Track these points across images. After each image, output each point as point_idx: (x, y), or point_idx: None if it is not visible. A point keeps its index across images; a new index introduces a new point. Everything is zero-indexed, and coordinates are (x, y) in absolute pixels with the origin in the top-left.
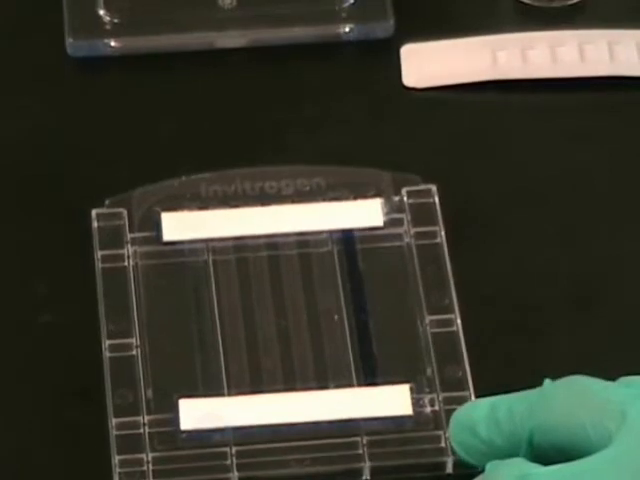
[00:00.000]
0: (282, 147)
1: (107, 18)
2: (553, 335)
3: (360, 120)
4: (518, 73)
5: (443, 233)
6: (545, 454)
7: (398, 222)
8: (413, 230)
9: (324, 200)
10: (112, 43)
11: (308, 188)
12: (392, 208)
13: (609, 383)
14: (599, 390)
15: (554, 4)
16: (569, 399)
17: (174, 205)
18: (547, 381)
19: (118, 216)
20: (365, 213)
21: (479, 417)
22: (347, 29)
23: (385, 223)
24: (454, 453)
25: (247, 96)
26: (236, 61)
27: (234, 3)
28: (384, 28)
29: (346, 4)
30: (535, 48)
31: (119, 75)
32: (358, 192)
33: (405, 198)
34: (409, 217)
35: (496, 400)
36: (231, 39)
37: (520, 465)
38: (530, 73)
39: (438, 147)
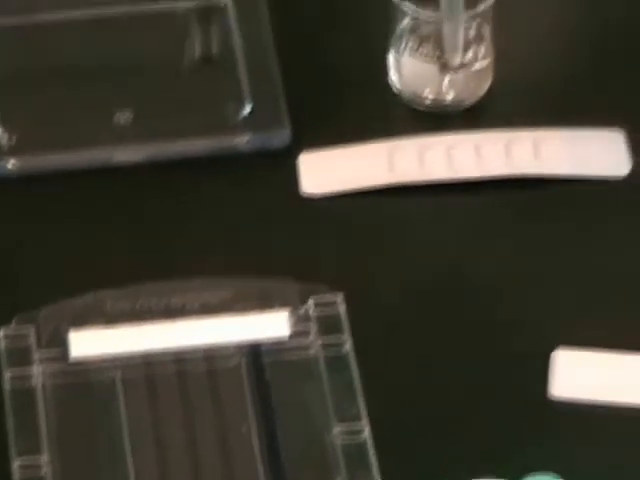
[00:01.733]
0: (186, 260)
1: (4, 138)
2: (463, 438)
3: (261, 230)
4: (415, 177)
5: (350, 342)
6: None
7: (305, 333)
8: (320, 340)
9: (231, 313)
10: (10, 163)
11: (214, 301)
12: (299, 319)
13: None
14: None
15: (448, 108)
16: None
17: (81, 322)
18: None
19: (25, 334)
20: (272, 325)
21: None
22: (244, 140)
23: (292, 334)
24: None
25: (148, 210)
26: (135, 176)
27: (131, 118)
28: (281, 137)
29: (242, 115)
30: (431, 152)
31: (18, 194)
32: (264, 304)
33: (312, 308)
34: (316, 327)
35: None
36: (129, 154)
37: None
38: (427, 176)
39: (341, 253)
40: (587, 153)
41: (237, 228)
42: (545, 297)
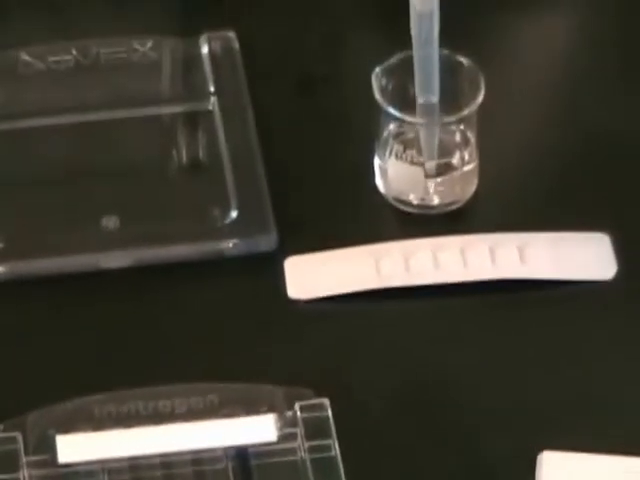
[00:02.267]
0: (172, 365)
1: None
2: None
3: (248, 334)
4: (401, 280)
5: (337, 445)
6: None
7: (292, 437)
8: (307, 444)
9: (218, 417)
10: None
11: (201, 405)
12: (285, 423)
13: None
14: None
15: (434, 211)
16: None
17: (68, 427)
18: None
19: (13, 440)
20: (259, 429)
21: None
22: (230, 244)
23: (279, 438)
24: None
25: (135, 314)
26: (121, 281)
27: (117, 224)
28: (267, 242)
29: (228, 220)
30: (417, 255)
31: (6, 299)
32: (251, 408)
33: (298, 413)
34: (303, 431)
35: None
36: (116, 259)
37: None
38: (413, 280)
39: (327, 358)
40: (572, 256)
41: (223, 332)
42: (530, 401)
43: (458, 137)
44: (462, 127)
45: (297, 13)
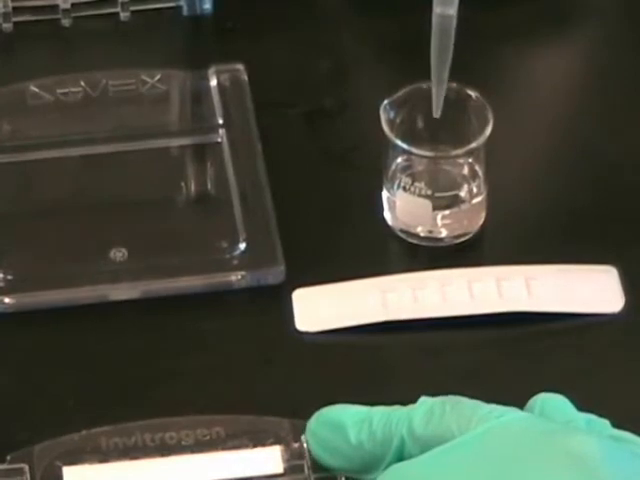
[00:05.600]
0: (179, 397)
1: (0, 275)
2: None
3: (256, 367)
4: (409, 313)
5: (344, 478)
6: None
7: (298, 469)
8: (314, 476)
9: (224, 449)
10: (5, 300)
11: (208, 438)
12: (292, 455)
13: (481, 402)
14: (471, 404)
15: (442, 243)
16: (442, 410)
17: (75, 459)
18: (423, 397)
19: (20, 471)
20: (265, 461)
21: (352, 420)
22: (238, 277)
23: (285, 470)
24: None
25: (142, 347)
26: (129, 313)
27: (125, 256)
28: (275, 274)
29: (236, 252)
30: (425, 288)
31: (13, 331)
32: (257, 440)
33: (305, 445)
34: (309, 463)
35: (371, 408)
36: (124, 291)
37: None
38: (420, 313)
39: (335, 390)
40: (580, 289)
41: (231, 364)
42: None
43: (466, 170)
44: (470, 160)
45: (306, 45)
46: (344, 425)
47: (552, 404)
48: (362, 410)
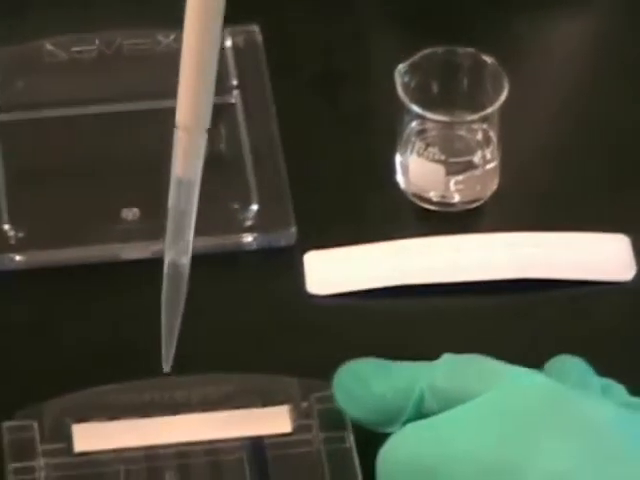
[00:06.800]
0: (190, 355)
1: (12, 232)
2: None
3: (266, 327)
4: (420, 278)
5: (352, 438)
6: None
7: (307, 428)
8: (322, 435)
9: (233, 407)
10: (17, 257)
11: (217, 396)
12: (300, 414)
13: (502, 363)
14: (491, 363)
15: (454, 208)
16: (463, 367)
17: (85, 416)
18: (446, 353)
19: (29, 428)
20: (274, 420)
21: (375, 372)
22: (250, 238)
23: (294, 429)
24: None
25: (153, 306)
26: (140, 273)
27: (137, 215)
28: (287, 236)
29: (248, 214)
30: (437, 253)
31: (24, 289)
32: (267, 399)
33: (313, 404)
34: (317, 423)
35: (394, 362)
36: (135, 251)
37: None
38: (432, 278)
39: (344, 352)
40: (592, 257)
41: (241, 325)
42: None
43: (480, 136)
44: (484, 126)
45: (321, 8)
46: (368, 377)
47: (570, 367)
48: (386, 363)
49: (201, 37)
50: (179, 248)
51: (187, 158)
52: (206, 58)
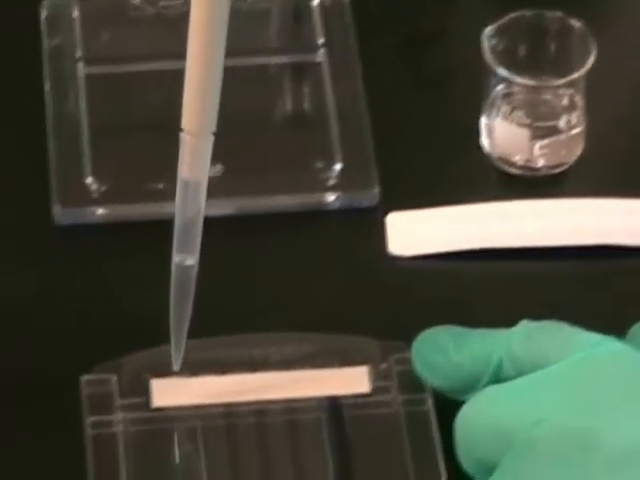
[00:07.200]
0: (269, 314)
1: (94, 186)
2: None
3: (347, 287)
4: (503, 242)
5: (431, 400)
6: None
7: (385, 389)
8: (401, 397)
9: (312, 367)
10: (99, 211)
11: (296, 355)
12: (379, 375)
13: (581, 330)
14: (570, 331)
15: (539, 173)
16: (541, 334)
17: (163, 371)
18: (524, 320)
19: (107, 382)
20: (352, 380)
21: (453, 340)
22: (333, 198)
23: (372, 390)
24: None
25: (232, 263)
26: (222, 229)
27: (220, 172)
28: (369, 197)
29: (331, 173)
30: (520, 217)
31: (105, 243)
32: (345, 359)
33: (393, 366)
34: (396, 385)
35: (472, 329)
36: (218, 207)
37: None
38: (514, 242)
39: (424, 314)
40: None
41: (321, 284)
42: None
43: (566, 101)
44: (571, 91)
45: None
46: (447, 345)
47: None
48: (464, 331)
49: (206, 41)
50: (187, 249)
51: (194, 161)
52: (212, 62)
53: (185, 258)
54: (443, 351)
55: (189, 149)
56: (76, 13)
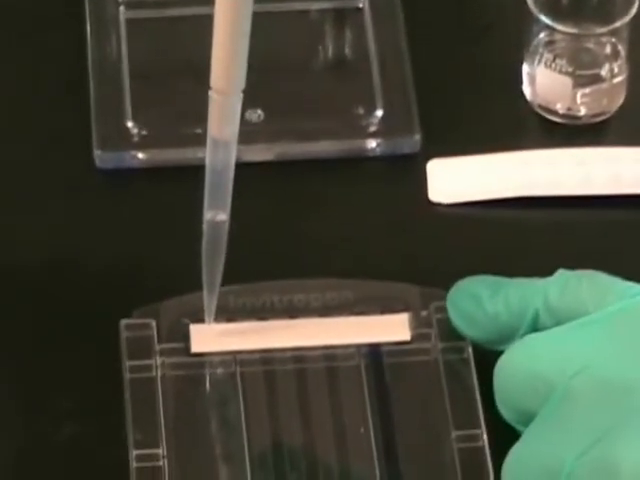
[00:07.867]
0: (309, 260)
1: (135, 130)
2: None
3: (387, 235)
4: (544, 190)
5: (470, 349)
6: None
7: (426, 337)
8: (440, 345)
9: (352, 314)
10: (139, 155)
11: (336, 301)
12: (420, 323)
13: (619, 279)
14: (607, 280)
15: (580, 121)
16: (578, 284)
17: (202, 317)
18: (560, 270)
19: (147, 327)
20: (392, 327)
21: (489, 291)
22: (374, 144)
23: (412, 338)
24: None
25: (272, 210)
26: (261, 175)
27: (262, 117)
28: (411, 143)
29: (372, 119)
30: (561, 165)
31: (146, 187)
32: (386, 306)
33: (433, 313)
34: (437, 332)
35: (508, 279)
36: (258, 153)
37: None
38: (555, 190)
39: (465, 261)
40: None
41: (361, 231)
42: None
43: (608, 49)
44: (613, 39)
45: None
46: (482, 296)
47: None
48: (500, 281)
49: (232, 1)
50: (218, 206)
51: (223, 119)
52: (240, 19)
53: (216, 214)
54: (478, 302)
55: (218, 108)
56: None
